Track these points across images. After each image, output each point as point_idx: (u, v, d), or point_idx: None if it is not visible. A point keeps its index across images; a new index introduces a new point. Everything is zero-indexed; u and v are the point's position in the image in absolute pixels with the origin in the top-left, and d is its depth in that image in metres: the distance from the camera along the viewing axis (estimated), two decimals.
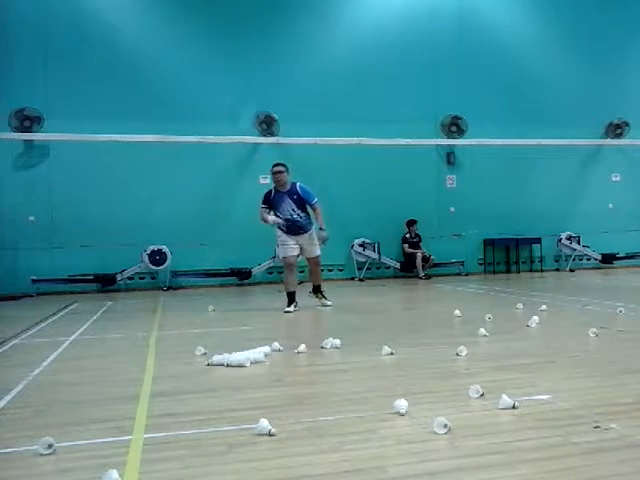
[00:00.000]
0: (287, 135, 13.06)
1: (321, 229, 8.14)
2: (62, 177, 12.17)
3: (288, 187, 8.08)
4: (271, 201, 8.10)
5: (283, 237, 8.13)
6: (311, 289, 8.66)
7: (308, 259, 8.36)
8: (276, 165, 8.18)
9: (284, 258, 8.20)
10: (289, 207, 8.02)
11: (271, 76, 13.16)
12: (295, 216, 8.05)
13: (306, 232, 8.16)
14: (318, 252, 8.30)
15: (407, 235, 13.63)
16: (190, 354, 4.99)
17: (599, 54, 14.95)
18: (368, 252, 13.44)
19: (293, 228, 8.08)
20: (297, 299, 8.19)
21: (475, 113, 14.03)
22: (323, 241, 8.19)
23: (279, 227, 8.14)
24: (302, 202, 8.07)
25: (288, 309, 7.98)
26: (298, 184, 8.14)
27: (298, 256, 8.24)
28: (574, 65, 14.86)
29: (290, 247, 8.08)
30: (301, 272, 12.91)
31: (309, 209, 8.19)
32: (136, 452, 2.70)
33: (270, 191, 8.17)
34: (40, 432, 2.91)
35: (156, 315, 8.15)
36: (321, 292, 8.54)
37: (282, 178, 8.04)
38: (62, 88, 12.18)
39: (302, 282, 12.53)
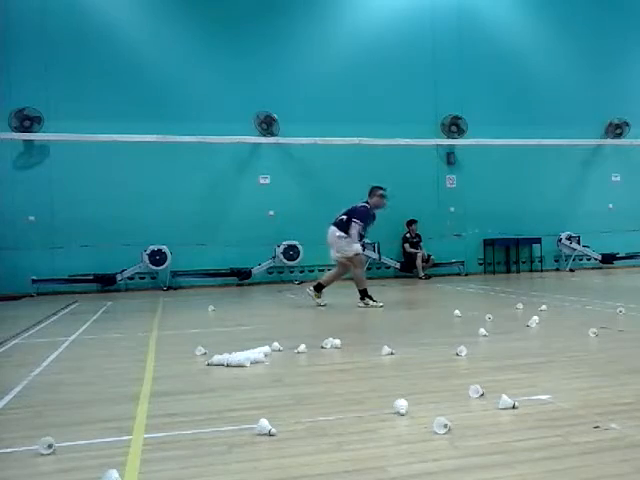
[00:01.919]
0: (287, 135, 13.07)
1: None
2: (62, 177, 12.17)
3: None
4: (368, 220, 8.41)
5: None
6: (315, 285, 8.61)
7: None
8: (384, 189, 8.53)
9: (359, 255, 8.40)
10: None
11: (271, 76, 13.16)
12: None
13: None
14: None
15: (407, 235, 13.63)
16: (190, 354, 4.99)
17: (599, 54, 14.95)
18: (368, 252, 13.41)
19: None
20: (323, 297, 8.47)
21: (475, 113, 14.03)
22: None
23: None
24: None
25: (375, 303, 8.14)
26: None
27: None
28: (574, 65, 14.87)
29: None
30: (302, 272, 12.97)
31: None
32: (136, 452, 2.70)
33: (370, 211, 8.43)
34: (40, 432, 2.91)
35: (156, 315, 8.15)
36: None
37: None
38: (62, 88, 12.18)
39: (302, 282, 12.56)
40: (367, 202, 8.44)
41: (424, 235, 13.72)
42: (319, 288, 8.52)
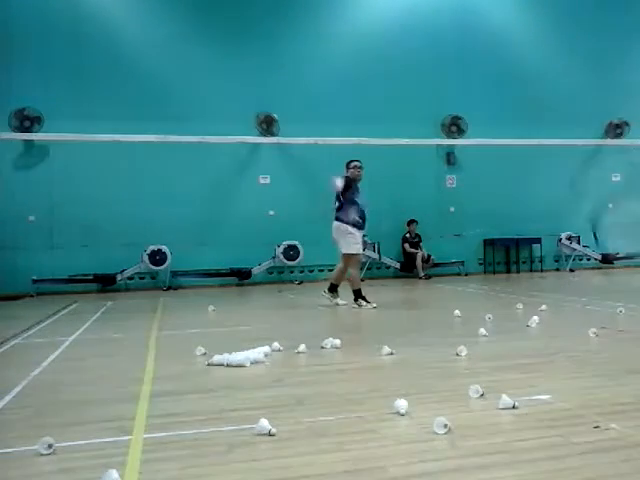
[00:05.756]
0: (287, 135, 13.07)
1: None
2: (62, 177, 12.16)
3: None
4: (352, 187, 8.24)
5: (356, 234, 8.23)
6: (328, 287, 8.52)
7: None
8: (357, 161, 8.42)
9: (356, 255, 8.30)
10: (363, 200, 8.35)
11: (271, 76, 13.15)
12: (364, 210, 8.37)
13: None
14: None
15: (407, 235, 13.63)
16: (190, 354, 4.99)
17: (599, 53, 14.94)
18: (368, 252, 13.41)
19: (364, 221, 8.33)
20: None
21: (475, 113, 14.02)
22: None
23: (353, 224, 8.19)
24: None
25: (368, 304, 8.03)
26: None
27: None
28: (574, 65, 14.85)
29: (360, 245, 8.33)
30: (302, 272, 12.97)
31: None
32: (136, 452, 2.70)
33: (350, 180, 8.29)
34: (40, 432, 2.91)
35: (156, 315, 8.15)
36: (337, 291, 8.55)
37: (362, 173, 8.38)
38: (62, 88, 12.17)
39: (302, 282, 12.57)
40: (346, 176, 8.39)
41: (424, 235, 13.72)
42: (332, 289, 8.47)
